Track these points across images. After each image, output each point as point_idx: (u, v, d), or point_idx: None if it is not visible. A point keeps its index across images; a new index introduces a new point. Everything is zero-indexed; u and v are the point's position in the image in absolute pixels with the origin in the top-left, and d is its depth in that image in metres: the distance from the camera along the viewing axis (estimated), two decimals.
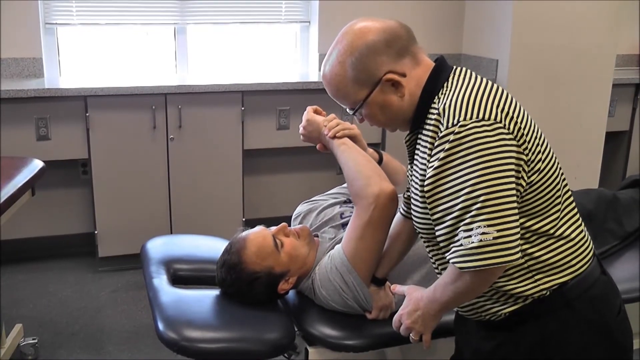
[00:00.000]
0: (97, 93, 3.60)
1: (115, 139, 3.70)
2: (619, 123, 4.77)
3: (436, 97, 1.52)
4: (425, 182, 1.48)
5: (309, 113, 2.12)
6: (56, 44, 4.03)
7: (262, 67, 4.50)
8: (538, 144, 1.49)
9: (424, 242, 1.66)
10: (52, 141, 3.63)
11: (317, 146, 2.13)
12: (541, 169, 1.49)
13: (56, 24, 3.97)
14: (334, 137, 2.03)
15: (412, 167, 1.63)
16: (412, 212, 1.62)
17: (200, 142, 3.84)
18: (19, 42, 3.84)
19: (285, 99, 3.96)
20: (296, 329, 1.91)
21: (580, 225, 1.60)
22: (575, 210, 1.59)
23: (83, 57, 4.21)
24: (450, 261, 1.45)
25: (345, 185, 2.26)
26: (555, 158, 1.56)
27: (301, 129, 2.12)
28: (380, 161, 2.16)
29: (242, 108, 3.87)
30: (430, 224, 1.53)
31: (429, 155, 1.49)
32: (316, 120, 2.10)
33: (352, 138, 2.06)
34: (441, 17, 4.52)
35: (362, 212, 1.86)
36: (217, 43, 4.48)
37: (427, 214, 1.53)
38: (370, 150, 2.16)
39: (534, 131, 1.50)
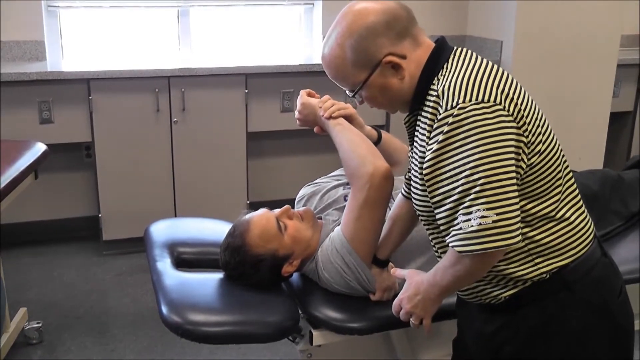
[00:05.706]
0: (100, 76, 3.59)
1: (119, 122, 3.70)
2: (623, 103, 4.75)
3: (435, 79, 1.50)
4: (424, 165, 1.47)
5: (302, 97, 2.09)
6: (58, 26, 4.01)
7: (265, 49, 4.47)
8: (538, 126, 1.48)
9: (424, 224, 1.65)
10: (56, 124, 3.62)
11: (315, 129, 2.09)
12: (541, 150, 1.47)
13: (58, 6, 3.95)
14: (330, 117, 2.00)
15: (412, 148, 1.62)
16: (412, 194, 1.61)
17: (204, 125, 3.83)
18: (21, 24, 3.82)
19: (289, 81, 3.94)
20: (300, 312, 1.91)
21: (581, 207, 1.58)
22: (577, 192, 1.58)
23: (85, 40, 4.18)
24: (450, 245, 1.45)
25: None
26: (556, 140, 1.54)
27: (297, 113, 2.09)
28: (379, 139, 2.14)
29: (246, 90, 3.85)
30: (430, 207, 1.52)
31: (428, 137, 1.47)
32: (311, 102, 2.06)
33: (348, 117, 2.03)
34: None
35: (358, 192, 1.85)
36: (221, 25, 4.44)
37: (427, 196, 1.52)
38: (368, 128, 2.13)
39: (534, 112, 1.48)
